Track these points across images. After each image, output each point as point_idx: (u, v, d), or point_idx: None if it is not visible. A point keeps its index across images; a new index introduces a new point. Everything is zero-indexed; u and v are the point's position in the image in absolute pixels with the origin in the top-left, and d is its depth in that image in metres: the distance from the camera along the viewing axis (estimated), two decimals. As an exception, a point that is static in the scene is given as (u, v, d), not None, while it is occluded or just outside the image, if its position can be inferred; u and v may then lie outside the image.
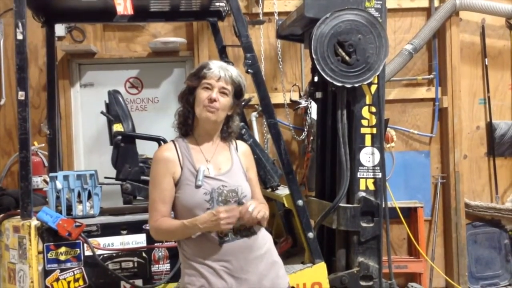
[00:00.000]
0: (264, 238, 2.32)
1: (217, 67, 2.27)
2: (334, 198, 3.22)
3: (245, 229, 2.25)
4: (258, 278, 2.23)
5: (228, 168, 2.30)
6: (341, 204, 3.18)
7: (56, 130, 3.68)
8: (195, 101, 2.27)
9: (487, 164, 4.96)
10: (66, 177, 3.09)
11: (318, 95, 3.46)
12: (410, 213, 4.73)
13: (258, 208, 2.14)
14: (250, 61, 3.03)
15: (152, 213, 2.25)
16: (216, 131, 2.34)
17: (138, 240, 3.02)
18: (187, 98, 2.32)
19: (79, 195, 3.11)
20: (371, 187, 3.26)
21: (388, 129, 4.56)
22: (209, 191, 2.20)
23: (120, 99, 3.57)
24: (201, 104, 2.24)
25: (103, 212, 3.23)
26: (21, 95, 2.87)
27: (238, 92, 2.32)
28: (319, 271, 3.10)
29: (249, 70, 3.04)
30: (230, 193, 2.24)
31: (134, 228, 3.02)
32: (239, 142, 2.45)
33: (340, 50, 3.11)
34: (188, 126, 2.33)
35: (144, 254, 3.02)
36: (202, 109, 2.24)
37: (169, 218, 2.25)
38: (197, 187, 2.20)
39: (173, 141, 2.34)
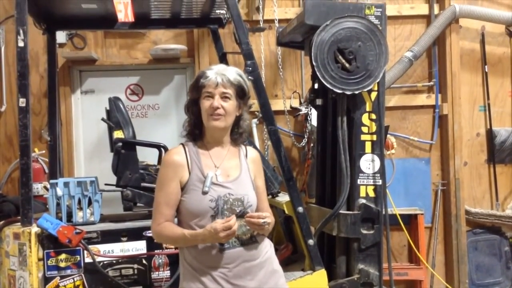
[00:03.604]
0: (265, 247, 2.31)
1: (213, 73, 2.24)
2: (334, 205, 3.22)
3: (247, 237, 2.24)
4: (257, 285, 2.22)
5: (236, 176, 2.29)
6: (341, 211, 3.18)
7: (56, 137, 3.69)
8: (201, 111, 2.26)
9: (487, 171, 4.95)
10: (66, 184, 3.09)
11: (318, 102, 3.46)
12: (410, 220, 4.72)
13: (268, 227, 2.17)
14: (250, 68, 3.03)
15: (156, 216, 2.25)
16: (224, 137, 2.32)
17: (138, 247, 3.01)
18: (192, 109, 2.31)
19: (79, 201, 3.11)
20: (371, 194, 3.25)
21: (388, 136, 4.55)
22: (215, 198, 2.19)
23: (121, 105, 3.57)
24: (206, 114, 2.23)
25: (103, 219, 3.23)
26: (22, 101, 2.88)
27: (240, 92, 2.29)
28: (319, 278, 3.10)
29: (249, 77, 3.01)
30: (236, 202, 2.22)
31: (135, 235, 3.02)
32: (249, 148, 2.43)
33: (340, 57, 3.12)
34: (196, 135, 2.32)
35: (144, 261, 3.01)
36: (208, 118, 2.23)
37: (172, 223, 2.24)
38: (204, 193, 2.19)
39: (183, 144, 2.32)
